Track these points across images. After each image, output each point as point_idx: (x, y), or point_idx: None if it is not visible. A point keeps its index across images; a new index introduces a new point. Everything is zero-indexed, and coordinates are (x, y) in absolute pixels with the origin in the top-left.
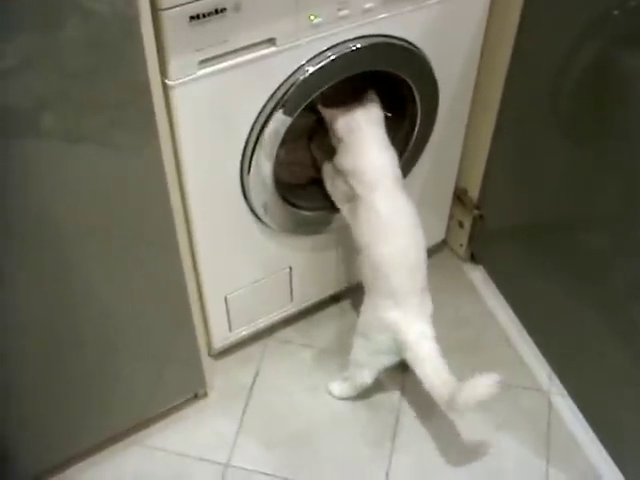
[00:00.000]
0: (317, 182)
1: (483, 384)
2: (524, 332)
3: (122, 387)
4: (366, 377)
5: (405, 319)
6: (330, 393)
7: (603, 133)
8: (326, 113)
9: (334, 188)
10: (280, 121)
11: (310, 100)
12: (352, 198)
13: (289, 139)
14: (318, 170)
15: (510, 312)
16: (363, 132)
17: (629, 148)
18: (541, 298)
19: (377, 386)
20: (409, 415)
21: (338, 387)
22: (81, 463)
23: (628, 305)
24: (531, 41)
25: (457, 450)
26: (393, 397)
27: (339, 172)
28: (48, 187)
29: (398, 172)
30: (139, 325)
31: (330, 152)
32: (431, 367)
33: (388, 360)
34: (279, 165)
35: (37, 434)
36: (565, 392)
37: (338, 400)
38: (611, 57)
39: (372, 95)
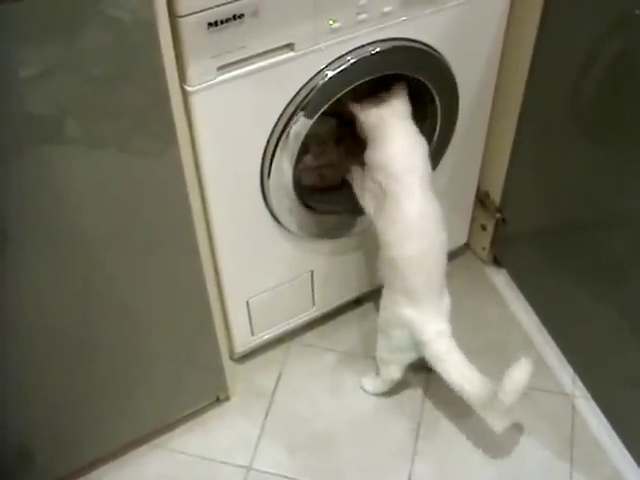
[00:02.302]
0: (347, 184)
1: (521, 372)
2: (547, 335)
3: (144, 391)
4: (393, 372)
5: (421, 317)
6: (363, 389)
7: (626, 134)
8: (354, 108)
9: (362, 190)
10: (301, 124)
11: (332, 103)
12: (379, 196)
13: (316, 143)
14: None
15: (533, 315)
16: (388, 127)
17: None
18: (564, 301)
19: (399, 389)
20: (431, 418)
21: (370, 383)
22: (103, 466)
23: None
24: (552, 42)
25: (480, 453)
26: (415, 400)
27: (368, 168)
28: (69, 192)
29: (427, 167)
30: (161, 329)
31: (359, 152)
32: (452, 364)
33: (410, 356)
34: (306, 170)
35: (59, 437)
36: (589, 395)
37: (360, 403)
38: (633, 57)
39: (400, 89)
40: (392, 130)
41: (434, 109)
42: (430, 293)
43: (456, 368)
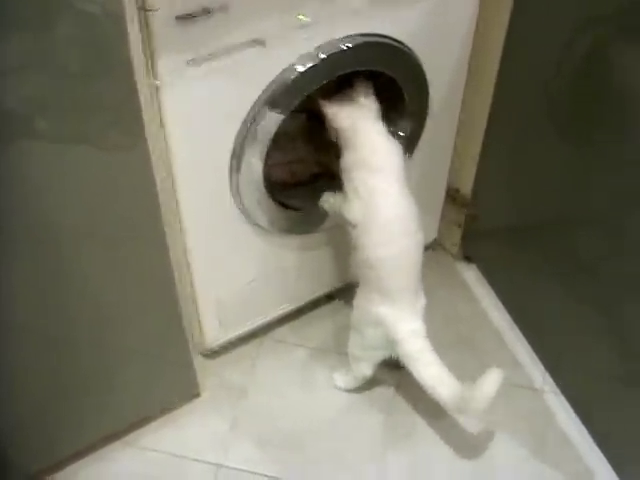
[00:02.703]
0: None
1: (491, 381)
2: (517, 331)
3: (115, 388)
4: (364, 369)
5: (395, 316)
6: (334, 385)
7: (595, 130)
8: (325, 107)
9: (346, 203)
10: (271, 120)
11: (303, 99)
12: (366, 197)
13: (285, 139)
14: (321, 165)
15: (503, 311)
16: (362, 129)
17: (621, 145)
18: (534, 296)
19: (371, 385)
20: (403, 414)
21: (341, 379)
22: (74, 464)
23: (620, 303)
24: (522, 39)
25: (451, 449)
26: (387, 396)
27: (346, 172)
28: (38, 187)
29: (402, 168)
30: (131, 326)
31: (328, 148)
32: (424, 364)
33: (382, 354)
34: (276, 166)
35: (31, 435)
36: (558, 390)
37: (332, 399)
38: (602, 54)
39: (366, 87)
40: (366, 132)
41: (404, 105)
42: (406, 292)
43: (428, 368)
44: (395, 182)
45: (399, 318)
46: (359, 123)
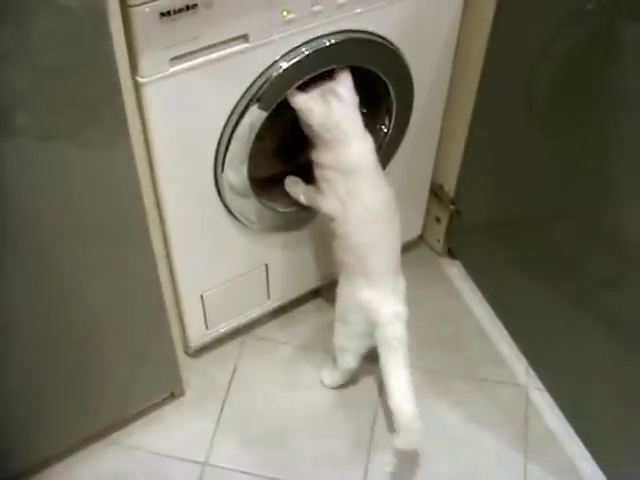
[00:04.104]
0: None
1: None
2: (501, 327)
3: (99, 386)
4: (350, 362)
5: (378, 299)
6: (321, 382)
7: (576, 128)
8: (297, 102)
9: (322, 196)
10: (255, 116)
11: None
12: (342, 193)
13: (271, 135)
14: (305, 160)
15: (487, 307)
16: (340, 126)
17: (601, 143)
18: (518, 292)
19: (355, 383)
20: (388, 411)
21: (328, 376)
22: (59, 464)
23: (603, 298)
24: (506, 35)
25: (435, 446)
26: (371, 394)
27: (320, 168)
28: (19, 185)
29: (376, 157)
30: (114, 324)
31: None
32: (394, 357)
33: (367, 343)
34: (260, 162)
35: (14, 434)
36: (542, 386)
37: (316, 397)
38: (584, 52)
39: (344, 76)
40: (342, 132)
41: (389, 101)
42: (387, 275)
43: (396, 363)
44: (371, 180)
45: (382, 301)
46: (334, 119)
